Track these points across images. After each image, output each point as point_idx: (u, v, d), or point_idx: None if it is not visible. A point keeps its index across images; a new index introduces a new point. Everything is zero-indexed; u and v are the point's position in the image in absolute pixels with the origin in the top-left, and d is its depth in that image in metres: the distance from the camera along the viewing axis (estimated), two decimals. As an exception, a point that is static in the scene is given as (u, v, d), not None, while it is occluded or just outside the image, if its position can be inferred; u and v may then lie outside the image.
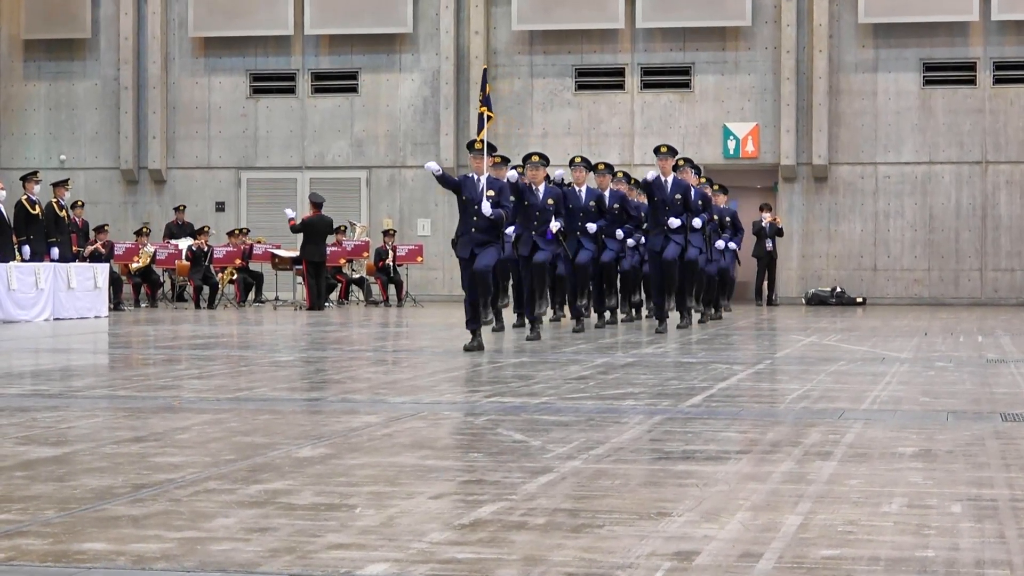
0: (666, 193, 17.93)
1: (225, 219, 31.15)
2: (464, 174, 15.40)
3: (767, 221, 28.81)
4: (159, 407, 9.17)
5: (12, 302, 20.64)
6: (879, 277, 29.55)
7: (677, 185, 18.05)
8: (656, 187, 17.89)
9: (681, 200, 17.98)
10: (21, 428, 8.06)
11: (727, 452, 7.15)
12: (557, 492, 5.95)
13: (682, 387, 10.54)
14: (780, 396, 10.11)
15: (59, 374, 12.22)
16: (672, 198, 17.93)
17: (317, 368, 12.22)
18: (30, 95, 32.32)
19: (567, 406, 9.18)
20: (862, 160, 29.62)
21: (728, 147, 29.88)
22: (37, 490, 5.98)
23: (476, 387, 10.49)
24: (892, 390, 10.43)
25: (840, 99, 29.60)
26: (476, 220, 14.57)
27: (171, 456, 6.95)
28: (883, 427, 8.20)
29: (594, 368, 12.27)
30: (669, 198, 17.93)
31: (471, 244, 14.60)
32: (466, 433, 7.83)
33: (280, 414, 8.87)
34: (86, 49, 32.06)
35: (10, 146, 32.35)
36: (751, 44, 29.84)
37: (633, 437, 7.66)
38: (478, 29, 30.41)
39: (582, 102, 30.24)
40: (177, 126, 31.78)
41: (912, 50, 29.41)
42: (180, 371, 12.44)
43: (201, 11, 31.22)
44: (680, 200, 17.97)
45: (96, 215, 29.80)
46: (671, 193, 17.94)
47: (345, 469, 6.62)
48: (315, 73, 31.31)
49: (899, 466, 6.69)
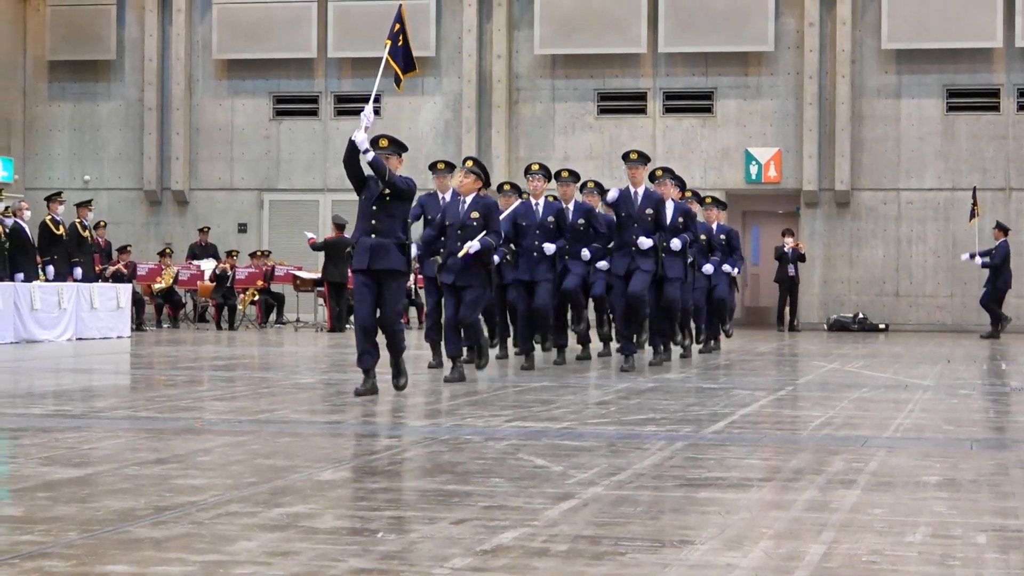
0: (634, 207, 15.07)
1: (247, 240, 31.21)
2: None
3: (789, 246, 28.76)
4: (181, 428, 9.17)
5: (35, 322, 20.69)
6: (901, 303, 29.46)
7: (648, 198, 15.16)
8: (622, 201, 15.10)
9: (652, 216, 15.11)
10: (44, 449, 8.07)
11: (749, 479, 7.12)
12: (579, 518, 5.93)
13: (704, 413, 10.51)
14: (802, 423, 10.07)
15: (81, 394, 12.23)
16: (641, 214, 15.06)
17: (338, 390, 12.22)
18: (55, 116, 32.45)
19: (589, 431, 9.16)
20: (884, 186, 29.56)
21: (750, 172, 29.86)
22: (60, 511, 5.98)
23: (497, 411, 10.47)
24: (915, 418, 10.39)
25: (863, 125, 29.56)
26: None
27: (193, 478, 6.95)
28: (907, 455, 8.17)
29: (615, 393, 12.25)
30: (637, 213, 15.05)
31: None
32: (487, 458, 7.82)
33: (301, 437, 8.87)
34: (110, 70, 32.19)
35: (34, 167, 32.47)
36: (773, 69, 29.82)
37: (655, 463, 7.64)
38: (500, 53, 30.45)
39: (604, 126, 30.24)
40: (200, 148, 31.87)
41: (935, 76, 29.36)
42: (202, 392, 12.45)
43: (225, 34, 31.33)
44: (651, 216, 15.10)
45: (119, 235, 29.87)
46: (640, 207, 15.07)
47: (366, 493, 6.61)
48: (338, 96, 31.38)
49: (923, 495, 6.66)
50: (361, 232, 11.76)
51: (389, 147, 11.80)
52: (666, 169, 16.65)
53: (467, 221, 13.20)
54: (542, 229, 15.73)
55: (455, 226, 13.25)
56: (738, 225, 31.70)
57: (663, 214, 15.31)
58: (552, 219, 15.80)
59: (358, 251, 11.64)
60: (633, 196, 15.12)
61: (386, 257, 11.57)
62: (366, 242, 11.61)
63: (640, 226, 15.04)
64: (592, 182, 17.85)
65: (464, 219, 13.22)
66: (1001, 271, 26.77)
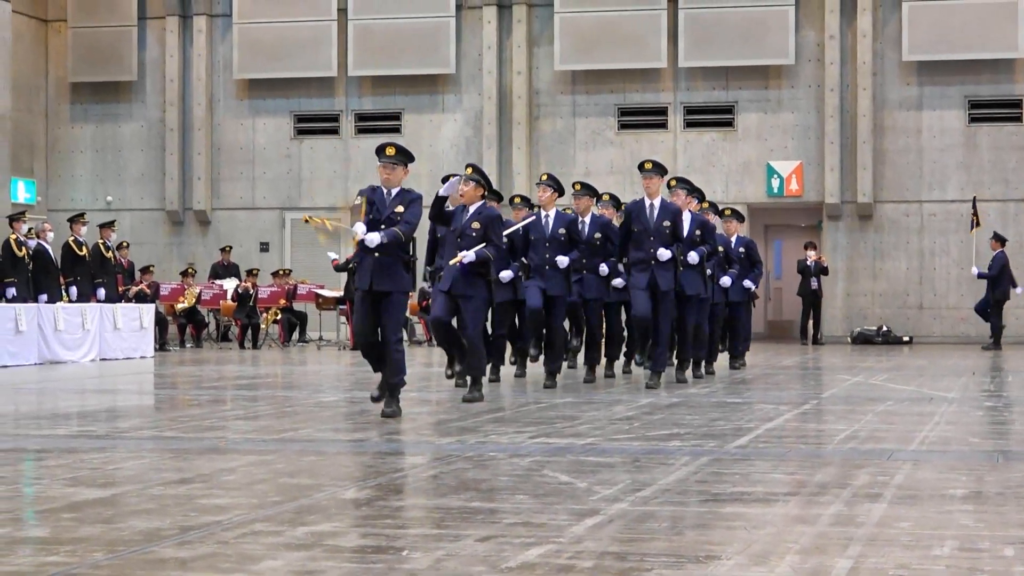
0: (651, 220, 14.68)
1: (269, 259, 31.26)
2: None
3: (812, 260, 28.72)
4: (205, 448, 9.18)
5: (59, 343, 20.75)
6: (925, 315, 29.37)
7: (665, 209, 14.73)
8: (637, 212, 14.73)
9: (670, 228, 14.72)
10: (68, 469, 8.08)
11: (775, 494, 7.10)
12: (604, 535, 5.92)
13: (728, 428, 10.49)
14: (827, 437, 10.04)
15: (105, 415, 12.25)
16: (659, 226, 14.67)
17: (362, 409, 12.22)
18: (77, 137, 32.57)
19: (613, 447, 9.14)
20: (907, 198, 29.49)
21: (772, 185, 29.82)
22: (85, 532, 5.99)
23: (521, 428, 10.46)
24: (941, 430, 10.35)
25: (884, 137, 29.51)
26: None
27: (217, 498, 6.95)
28: (932, 468, 8.13)
29: (639, 408, 12.23)
30: (654, 226, 14.66)
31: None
32: (512, 475, 7.81)
33: (326, 455, 8.87)
34: (132, 92, 32.31)
35: (57, 188, 32.59)
36: (794, 82, 29.80)
37: (680, 478, 7.62)
38: (520, 69, 30.49)
39: (624, 141, 30.24)
40: (222, 167, 31.96)
41: (956, 87, 29.31)
42: (225, 412, 12.46)
43: (245, 53, 31.42)
44: (668, 228, 14.71)
45: (141, 256, 29.96)
46: (657, 220, 14.67)
47: (391, 511, 6.61)
48: (358, 114, 31.44)
49: (949, 508, 6.63)
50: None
51: (396, 156, 11.52)
52: (681, 179, 16.20)
53: (467, 230, 12.91)
54: (553, 242, 15.08)
55: (455, 233, 12.98)
56: (760, 239, 31.67)
57: (680, 226, 14.96)
58: (563, 231, 15.13)
59: (360, 269, 11.42)
60: (649, 208, 14.73)
61: (389, 279, 11.34)
62: (368, 260, 11.34)
63: (657, 239, 14.64)
64: (608, 195, 17.56)
65: (464, 228, 12.94)
66: (999, 281, 26.78)
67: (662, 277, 14.64)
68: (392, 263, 11.35)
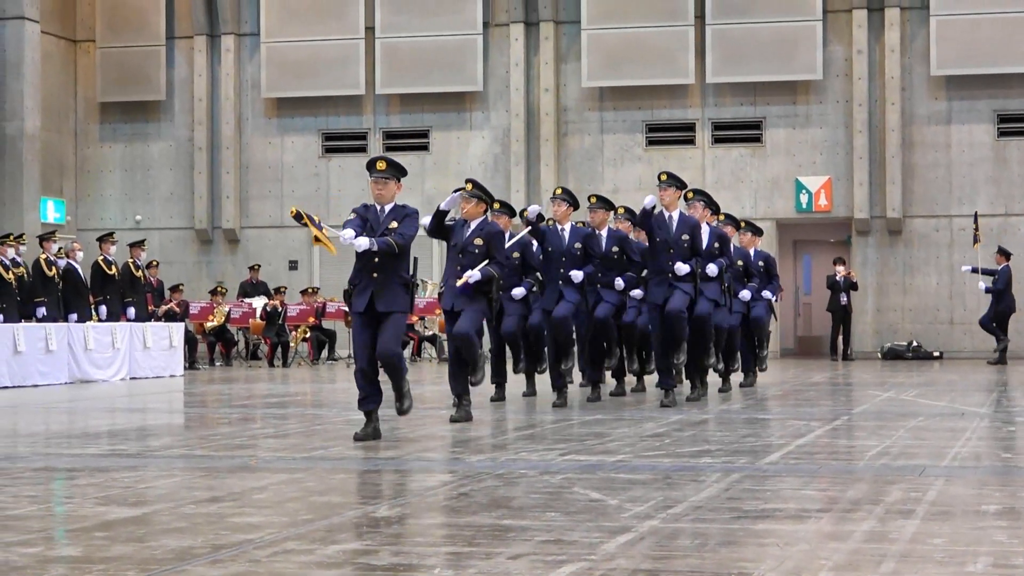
0: (670, 232, 14.49)
1: (298, 277, 31.33)
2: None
3: (841, 275, 28.65)
4: (236, 467, 9.19)
5: (89, 362, 20.82)
6: (955, 331, 29.24)
7: (684, 223, 14.57)
8: (657, 224, 14.50)
9: (689, 241, 14.53)
10: (100, 488, 8.09)
11: (807, 510, 7.07)
12: (636, 552, 5.90)
13: (759, 444, 10.45)
14: (859, 453, 10.00)
15: (136, 434, 12.28)
16: (678, 239, 14.47)
17: (392, 426, 12.21)
18: (106, 157, 32.71)
19: (643, 464, 9.12)
20: (936, 213, 29.40)
21: (801, 201, 29.76)
22: (118, 551, 5.99)
23: (551, 445, 10.45)
24: (973, 446, 10.30)
25: (913, 151, 29.43)
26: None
27: (249, 516, 6.95)
28: (965, 484, 8.09)
29: (669, 425, 12.20)
30: (673, 239, 14.46)
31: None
32: (543, 492, 7.79)
33: (356, 473, 8.87)
34: (160, 111, 32.44)
35: (87, 207, 32.72)
36: (822, 97, 29.76)
37: (711, 495, 7.59)
38: (548, 86, 30.51)
39: (652, 157, 30.21)
40: (250, 186, 32.05)
41: (985, 101, 29.23)
42: (255, 430, 12.47)
43: (273, 72, 31.52)
44: (687, 241, 14.52)
45: (171, 275, 30.04)
46: (676, 233, 14.47)
47: (422, 529, 6.60)
48: (386, 132, 31.51)
49: (983, 524, 6.59)
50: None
51: (387, 170, 11.17)
52: (698, 191, 15.96)
53: (469, 247, 12.65)
54: (568, 256, 14.81)
55: (456, 248, 12.73)
56: (789, 254, 31.63)
57: (699, 239, 14.75)
58: (579, 245, 14.86)
59: (358, 291, 11.00)
60: (668, 221, 14.49)
61: (388, 300, 10.90)
62: (366, 282, 10.93)
63: (676, 252, 14.40)
64: (624, 208, 17.19)
65: (466, 244, 12.68)
66: (1004, 296, 26.74)
67: (677, 294, 14.36)
68: (391, 283, 10.92)
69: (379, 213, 11.15)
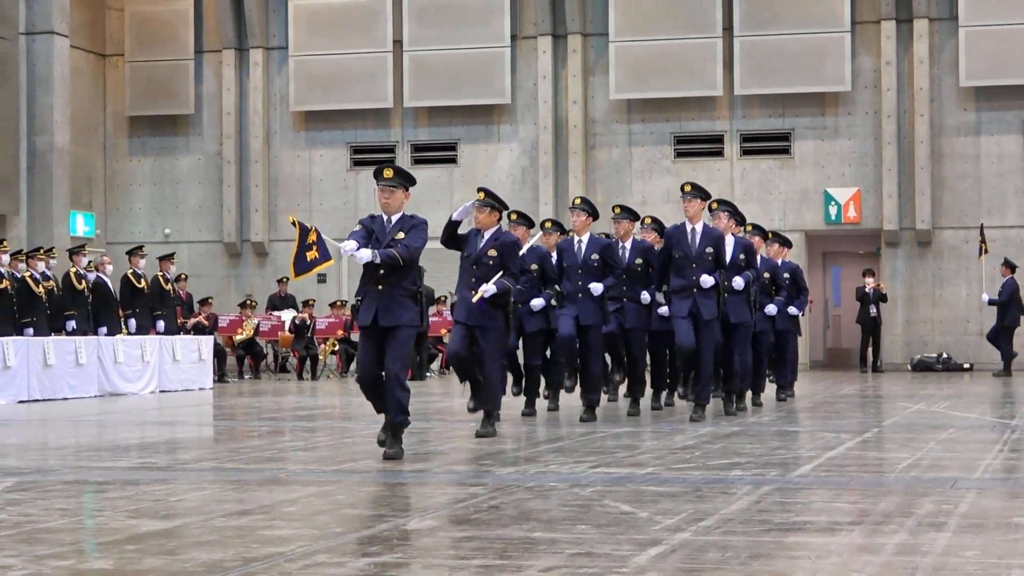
0: (692, 247, 13.95)
1: (327, 291, 31.36)
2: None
3: (871, 287, 28.56)
4: (265, 479, 9.20)
5: (119, 375, 20.89)
6: (985, 342, 29.04)
7: (708, 235, 14.00)
8: (678, 240, 13.98)
9: (712, 255, 13.99)
10: (130, 501, 8.11)
11: (838, 523, 7.04)
12: (667, 565, 5.88)
13: (789, 456, 10.42)
14: (890, 465, 9.96)
15: (166, 447, 12.30)
16: (701, 252, 13.94)
17: (421, 439, 12.21)
18: (135, 171, 32.82)
19: (674, 476, 9.10)
20: (966, 224, 29.27)
21: (829, 212, 29.69)
22: (148, 564, 6.00)
23: (581, 458, 10.43)
24: (1005, 458, 10.25)
25: (942, 163, 29.33)
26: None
27: (279, 529, 6.96)
28: (997, 496, 8.05)
29: (699, 438, 12.17)
30: (696, 253, 13.93)
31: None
32: (573, 505, 7.78)
33: (386, 486, 8.87)
34: (189, 125, 32.54)
35: (116, 221, 32.83)
36: (851, 109, 29.69)
37: (742, 508, 7.57)
38: (576, 99, 30.51)
39: (681, 169, 30.16)
40: (279, 199, 32.12)
41: (1014, 112, 29.11)
42: (285, 443, 12.49)
43: (302, 86, 31.60)
44: (711, 254, 13.98)
45: (200, 288, 30.11)
46: (699, 246, 13.93)
47: (453, 542, 6.60)
48: (414, 145, 31.54)
49: (1016, 537, 6.55)
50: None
51: (395, 178, 10.77)
52: (723, 202, 15.53)
53: (483, 258, 12.38)
54: (585, 268, 14.25)
55: (470, 259, 12.44)
56: (818, 266, 31.54)
57: (723, 252, 14.19)
58: (597, 256, 14.29)
59: (364, 305, 10.62)
60: (691, 234, 13.98)
61: (395, 313, 10.50)
62: (372, 295, 10.60)
63: (700, 266, 13.86)
64: (649, 218, 16.76)
65: (480, 255, 12.40)
66: (1009, 308, 26.66)
67: (704, 306, 13.88)
68: (398, 296, 10.53)
69: (385, 224, 10.83)
